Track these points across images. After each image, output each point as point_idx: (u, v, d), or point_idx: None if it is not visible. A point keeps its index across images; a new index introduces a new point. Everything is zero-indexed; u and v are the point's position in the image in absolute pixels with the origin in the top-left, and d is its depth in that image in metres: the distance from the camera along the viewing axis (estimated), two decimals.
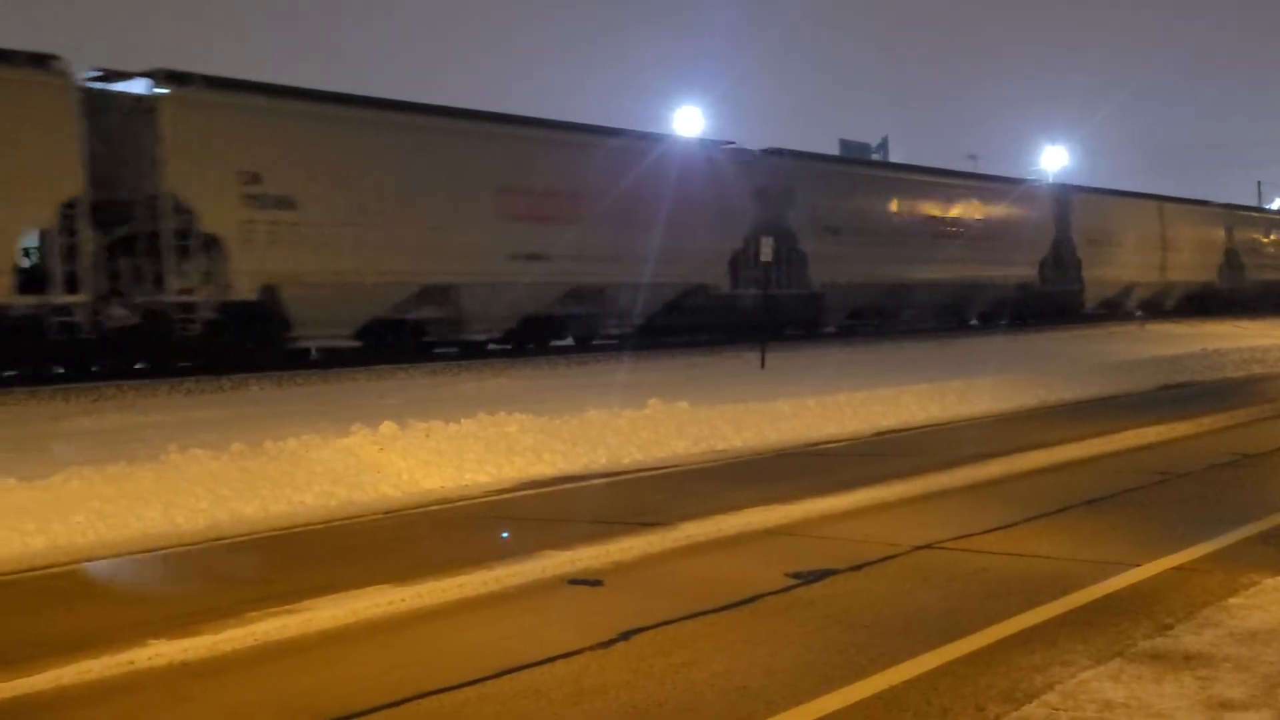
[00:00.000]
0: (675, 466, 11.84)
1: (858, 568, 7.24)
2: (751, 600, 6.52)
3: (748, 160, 29.45)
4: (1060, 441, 12.98)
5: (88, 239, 18.02)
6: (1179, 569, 7.08)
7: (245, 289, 19.85)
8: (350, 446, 11.01)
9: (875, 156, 44.59)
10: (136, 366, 19.87)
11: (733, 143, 30.51)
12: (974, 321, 37.35)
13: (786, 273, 29.00)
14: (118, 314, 18.55)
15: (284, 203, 20.18)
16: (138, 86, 19.47)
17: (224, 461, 10.26)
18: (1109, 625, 5.91)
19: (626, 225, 24.89)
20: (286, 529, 8.93)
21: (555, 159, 24.51)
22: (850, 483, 10.33)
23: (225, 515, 9.15)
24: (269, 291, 20.23)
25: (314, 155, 20.86)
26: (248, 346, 20.34)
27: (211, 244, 19.48)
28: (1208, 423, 14.77)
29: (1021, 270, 36.96)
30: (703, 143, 31.00)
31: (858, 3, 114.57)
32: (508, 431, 12.09)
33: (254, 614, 6.35)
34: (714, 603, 6.43)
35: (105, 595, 7.08)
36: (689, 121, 43.08)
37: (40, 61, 18.10)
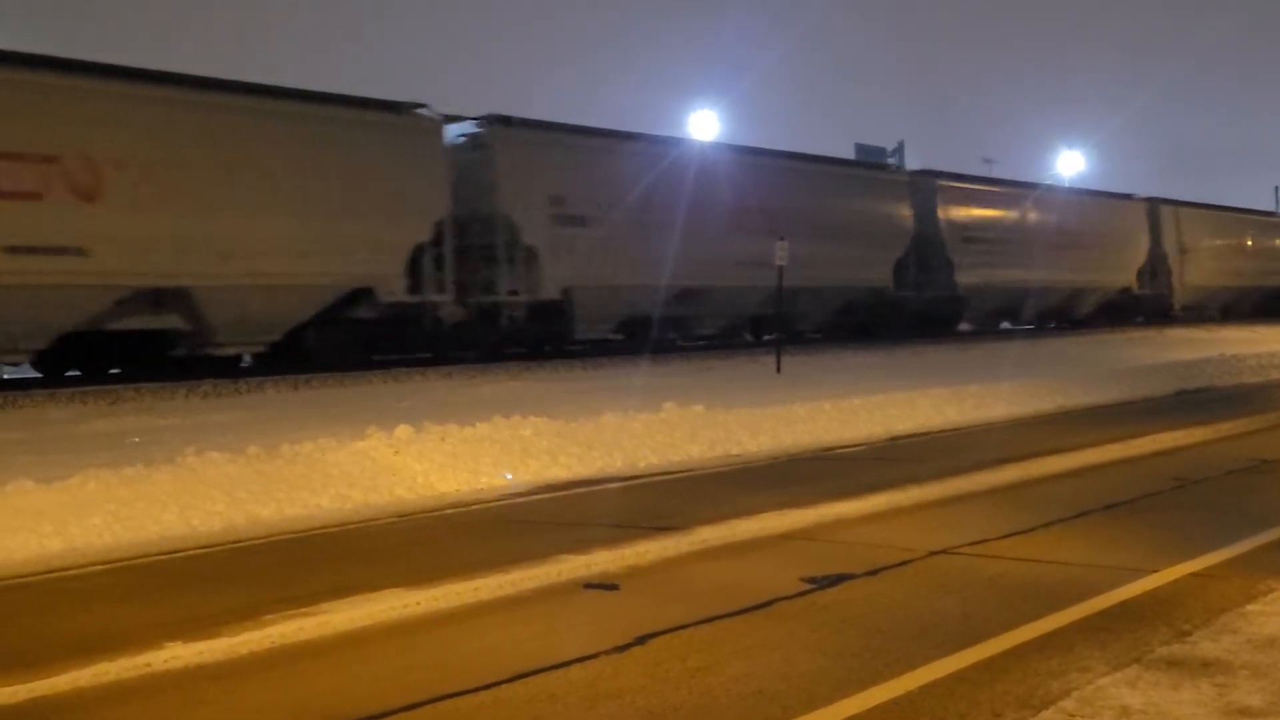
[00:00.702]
0: (691, 470, 11.83)
1: (874, 572, 7.22)
2: (767, 604, 6.51)
3: (907, 180, 34.32)
4: (1078, 447, 12.93)
5: (451, 250, 22.49)
6: (1197, 575, 7.05)
7: (551, 291, 24.08)
8: (366, 450, 11.04)
9: (891, 161, 44.96)
10: (149, 370, 19.95)
11: (890, 164, 36.00)
12: (1005, 324, 38.99)
13: (937, 277, 33.70)
14: (458, 311, 23.01)
15: (578, 221, 24.55)
16: (468, 127, 24.02)
17: (240, 464, 10.30)
18: (1126, 631, 5.88)
19: (823, 238, 28.64)
20: (302, 532, 8.95)
21: (780, 182, 29.25)
22: (866, 487, 10.31)
23: (241, 518, 9.18)
24: (566, 293, 24.42)
25: (605, 180, 25.14)
26: (547, 337, 24.76)
27: (529, 254, 23.89)
28: (1226, 428, 14.70)
29: (1123, 276, 41.74)
30: (872, 166, 36.13)
31: (872, 7, 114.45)
32: (523, 435, 12.10)
33: (270, 617, 6.37)
34: (730, 607, 6.42)
35: (122, 597, 7.10)
36: (704, 125, 43.04)
37: (414, 109, 22.52)
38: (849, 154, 42.66)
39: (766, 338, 29.16)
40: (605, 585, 7.06)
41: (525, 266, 23.74)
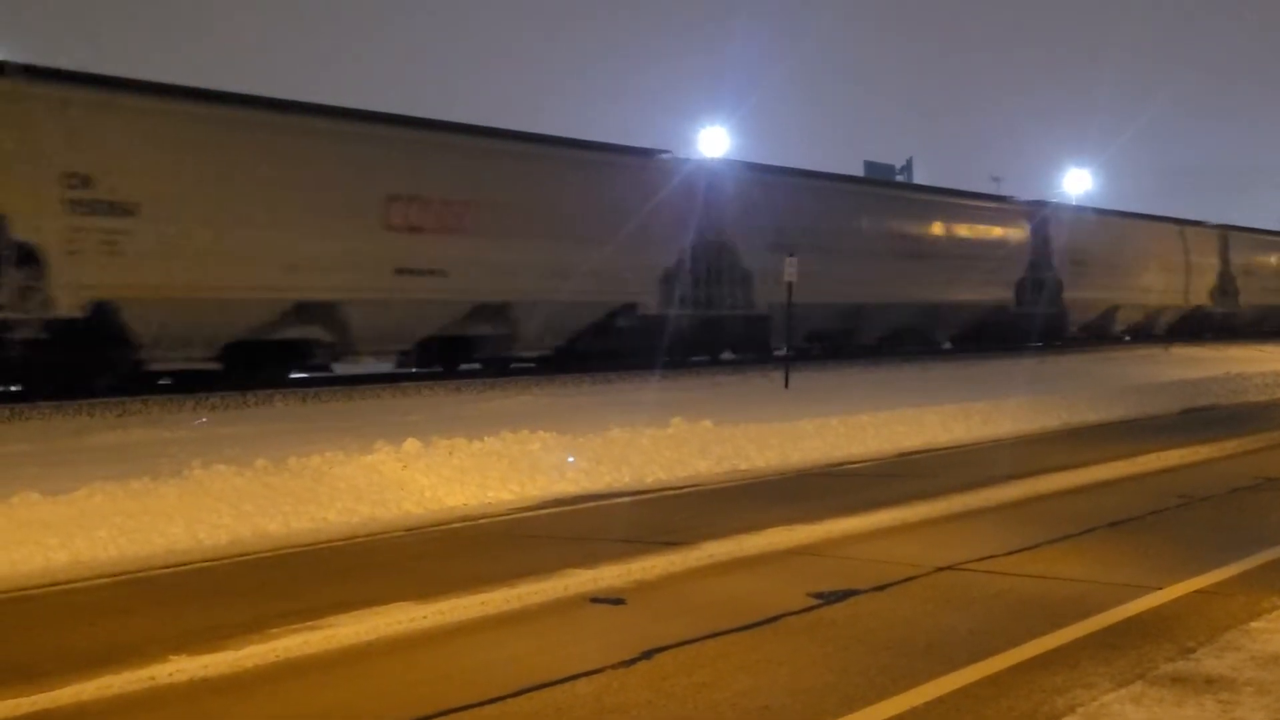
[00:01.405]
0: (698, 485, 11.83)
1: (880, 588, 7.22)
2: (774, 620, 6.51)
3: (1023, 211, 38.14)
4: (1084, 464, 12.92)
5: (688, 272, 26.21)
6: (1201, 592, 7.04)
7: (761, 307, 27.87)
8: (374, 463, 11.05)
9: (900, 178, 45.29)
10: (161, 383, 20.06)
11: (1009, 198, 39.58)
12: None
13: (1048, 295, 37.88)
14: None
15: (791, 249, 25.83)
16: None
17: (248, 478, 10.31)
18: (1131, 648, 5.88)
19: (961, 264, 34.13)
20: (309, 545, 8.96)
21: (927, 216, 33.98)
22: (873, 503, 10.30)
23: (248, 531, 9.19)
24: (772, 308, 27.07)
25: (815, 214, 29.33)
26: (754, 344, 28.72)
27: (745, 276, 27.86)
28: (1231, 446, 14.69)
29: (1199, 297, 46.07)
30: (990, 198, 39.57)
31: (880, 24, 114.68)
32: (531, 449, 12.11)
33: (276, 630, 6.38)
34: (736, 622, 6.42)
35: (127, 610, 7.11)
36: (714, 141, 43.07)
37: (660, 154, 27.26)
38: (857, 170, 42.91)
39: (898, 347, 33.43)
40: (612, 600, 7.07)
41: (741, 285, 27.58)
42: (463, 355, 23.84)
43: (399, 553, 8.80)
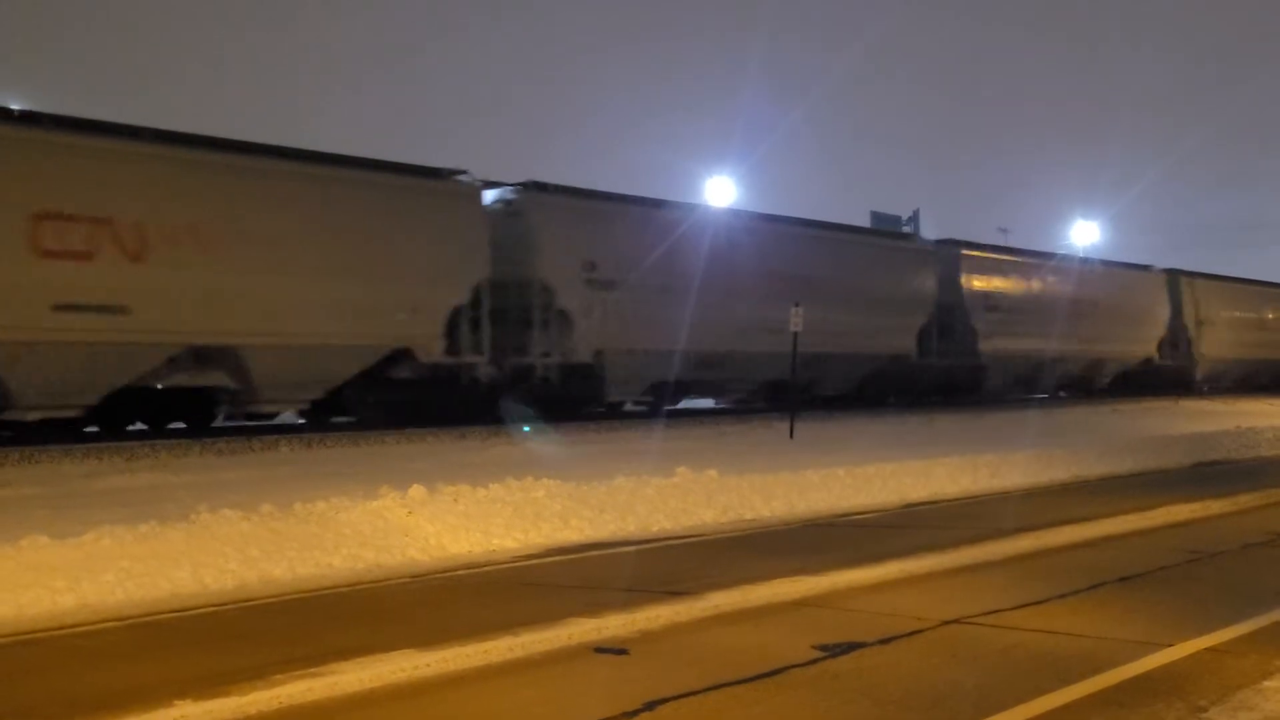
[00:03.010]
0: (703, 535, 11.80)
1: (885, 641, 7.18)
2: (778, 672, 6.47)
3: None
4: (1093, 517, 12.87)
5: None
6: (1213, 650, 6.99)
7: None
8: (378, 509, 11.05)
9: (907, 229, 45.31)
10: (171, 426, 20.07)
11: (1152, 267, 42.58)
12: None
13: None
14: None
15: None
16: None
17: (253, 522, 10.31)
18: (1141, 706, 5.83)
19: (1111, 321, 37.57)
20: (314, 591, 8.94)
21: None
22: (879, 555, 10.26)
23: (254, 576, 9.18)
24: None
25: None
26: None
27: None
28: (1242, 501, 14.61)
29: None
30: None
31: (889, 76, 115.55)
32: (535, 497, 12.10)
33: (280, 676, 6.36)
34: (740, 674, 6.39)
35: (133, 655, 7.09)
36: (720, 190, 43.29)
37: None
38: (864, 221, 42.90)
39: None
40: (616, 649, 7.04)
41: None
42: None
43: (403, 599, 8.78)
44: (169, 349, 18.46)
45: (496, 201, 23.97)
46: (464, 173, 23.03)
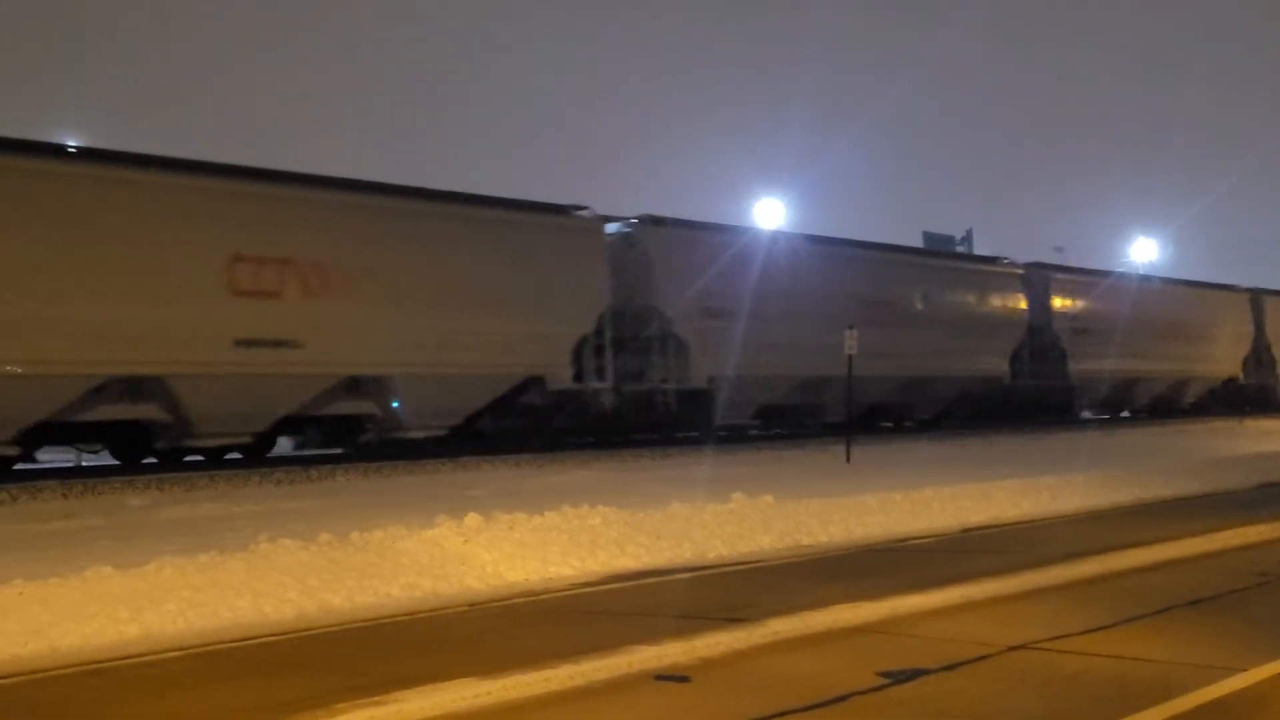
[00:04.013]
0: (761, 561, 11.72)
1: (950, 667, 7.07)
2: (842, 699, 6.39)
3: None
4: (1159, 540, 12.64)
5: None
6: None
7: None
8: (435, 538, 11.07)
9: (960, 248, 44.93)
10: (227, 457, 20.30)
11: (1235, 286, 42.31)
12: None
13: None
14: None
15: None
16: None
17: (312, 552, 10.37)
18: None
19: (1196, 341, 37.85)
20: (373, 620, 8.96)
21: (1127, 300, 35.45)
22: (940, 580, 10.13)
23: (313, 606, 9.22)
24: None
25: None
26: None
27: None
28: None
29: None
30: (1186, 282, 40.78)
31: (942, 96, 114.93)
32: (591, 524, 12.08)
33: (343, 705, 6.36)
34: (804, 701, 6.31)
35: (195, 684, 7.13)
36: (770, 212, 43.27)
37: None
38: (917, 241, 42.63)
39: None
40: (676, 677, 6.98)
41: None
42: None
43: (462, 628, 8.78)
44: (330, 380, 19.78)
45: (615, 234, 25.08)
46: (586, 208, 24.19)
